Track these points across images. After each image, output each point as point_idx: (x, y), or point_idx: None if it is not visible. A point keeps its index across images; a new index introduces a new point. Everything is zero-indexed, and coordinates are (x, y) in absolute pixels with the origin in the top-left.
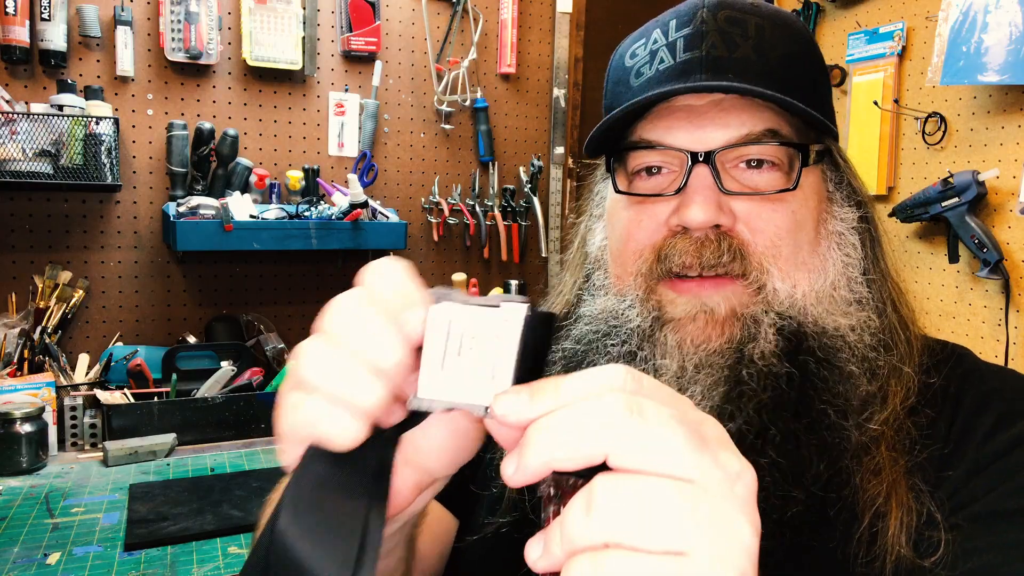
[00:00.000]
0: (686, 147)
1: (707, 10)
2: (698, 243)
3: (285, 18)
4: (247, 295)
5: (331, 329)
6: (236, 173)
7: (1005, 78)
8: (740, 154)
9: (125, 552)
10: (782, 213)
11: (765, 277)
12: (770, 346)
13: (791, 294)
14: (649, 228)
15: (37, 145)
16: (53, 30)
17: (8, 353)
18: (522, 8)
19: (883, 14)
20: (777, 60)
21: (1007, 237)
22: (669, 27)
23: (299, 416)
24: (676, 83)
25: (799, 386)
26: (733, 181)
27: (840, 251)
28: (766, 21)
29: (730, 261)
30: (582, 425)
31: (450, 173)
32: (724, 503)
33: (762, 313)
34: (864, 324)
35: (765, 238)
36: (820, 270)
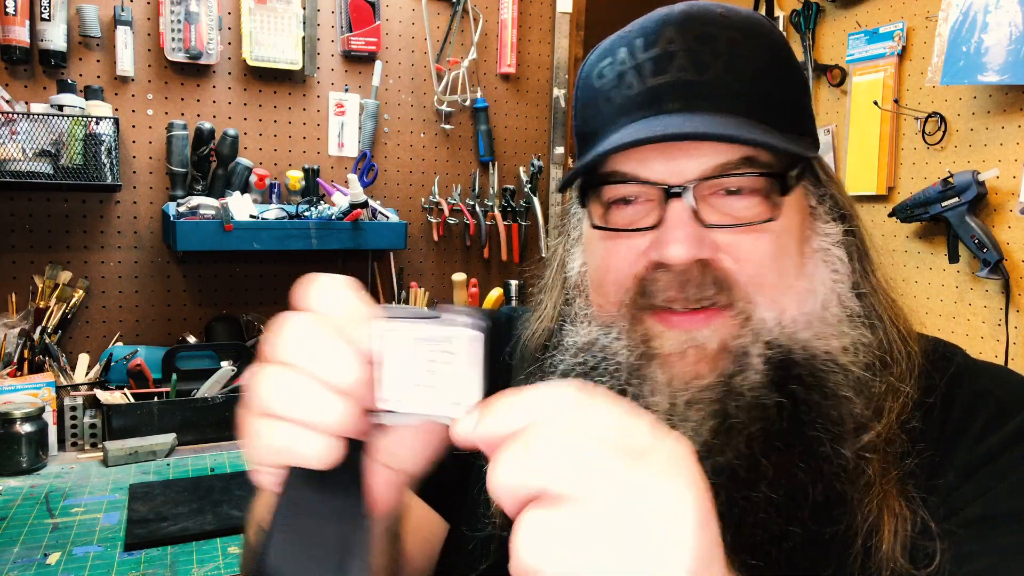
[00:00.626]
0: (661, 180)
1: (674, 27)
2: (680, 278)
3: (285, 18)
4: (247, 295)
5: (286, 354)
6: (236, 173)
7: (1005, 78)
8: (716, 184)
9: (125, 552)
10: (764, 241)
11: (751, 307)
12: (758, 377)
13: (779, 321)
14: (629, 259)
15: (37, 145)
16: (53, 30)
17: (8, 353)
18: (522, 8)
19: (883, 14)
20: (751, 76)
21: (1007, 237)
22: (635, 46)
23: (271, 442)
24: (647, 111)
25: (790, 415)
26: (712, 211)
27: (827, 268)
28: (739, 33)
29: (715, 293)
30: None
31: (450, 173)
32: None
33: (751, 344)
34: (858, 342)
35: (750, 267)
36: (808, 292)
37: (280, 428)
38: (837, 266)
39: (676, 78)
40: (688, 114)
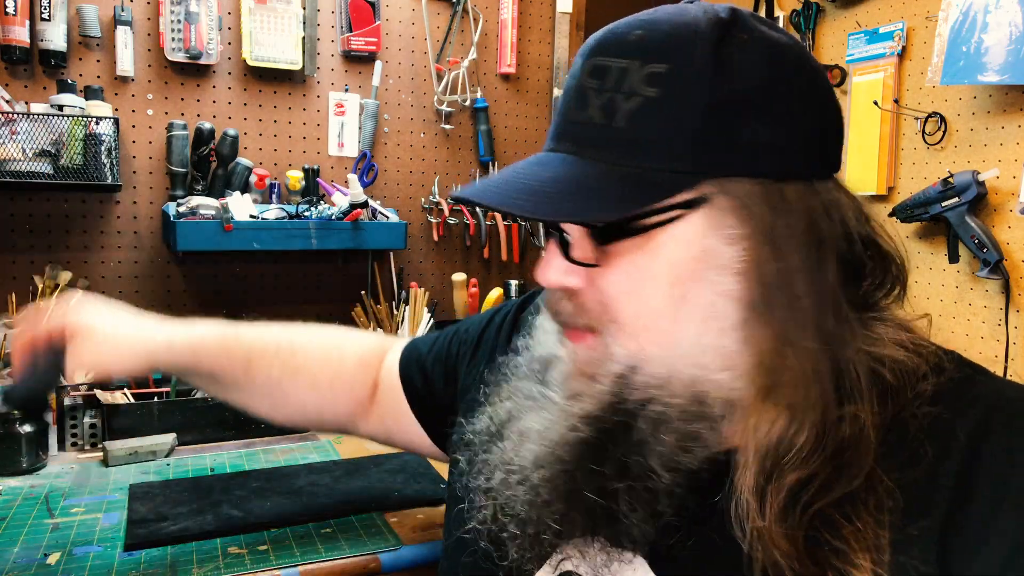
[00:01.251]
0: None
1: (581, 59)
2: (556, 297)
3: (285, 18)
4: (247, 295)
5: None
6: (236, 173)
7: (1005, 78)
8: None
9: (125, 552)
10: (612, 283)
11: (608, 339)
12: (605, 399)
13: (633, 355)
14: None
15: (37, 145)
16: (53, 30)
17: (8, 353)
18: (522, 8)
19: (883, 14)
20: (625, 115)
21: (1007, 237)
22: (569, 74)
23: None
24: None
25: (615, 443)
26: (581, 249)
27: (702, 317)
28: (636, 61)
29: (575, 318)
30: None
31: (450, 173)
32: None
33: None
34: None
35: (602, 303)
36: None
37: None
38: (715, 316)
39: (564, 116)
40: (552, 154)
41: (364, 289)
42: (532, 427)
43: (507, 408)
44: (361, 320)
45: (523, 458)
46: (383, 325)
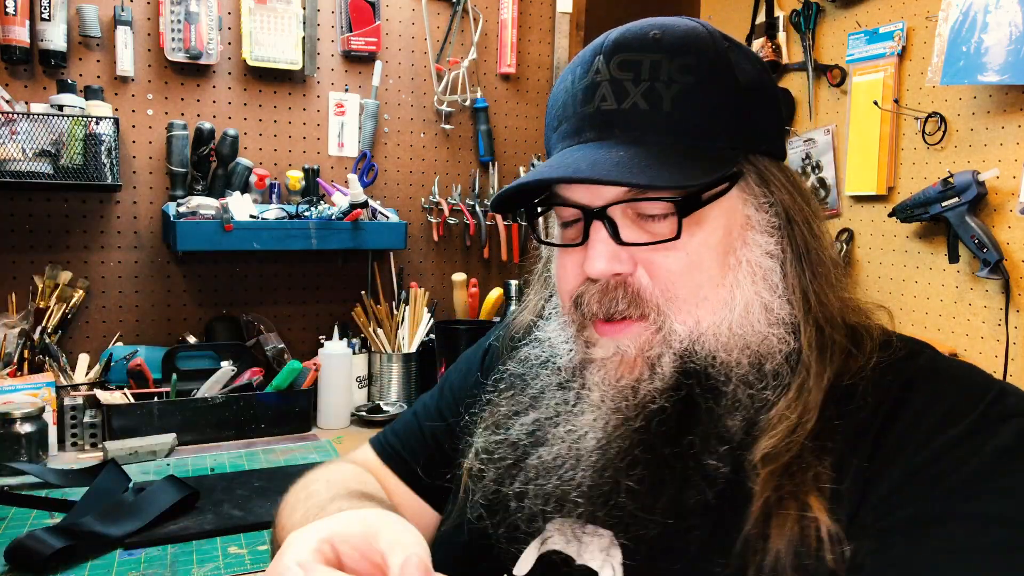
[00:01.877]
0: (585, 203)
1: (602, 57)
2: (601, 291)
3: (285, 18)
4: (247, 295)
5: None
6: (236, 173)
7: (1005, 78)
8: (632, 207)
9: (125, 552)
10: (674, 259)
11: (663, 319)
12: (661, 383)
13: (692, 331)
14: (570, 275)
15: (37, 145)
16: (53, 30)
17: (8, 353)
18: (522, 8)
19: (883, 14)
20: (671, 101)
21: (1007, 237)
22: (576, 75)
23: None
24: (572, 140)
25: (677, 420)
26: (632, 231)
27: (752, 278)
28: (664, 55)
29: (626, 308)
30: None
31: (450, 173)
32: None
33: (664, 353)
34: (773, 351)
35: (661, 283)
36: (726, 302)
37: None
38: (765, 274)
39: (597, 108)
40: (598, 144)
41: (364, 289)
42: (581, 428)
43: (536, 418)
44: (361, 320)
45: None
46: (383, 325)
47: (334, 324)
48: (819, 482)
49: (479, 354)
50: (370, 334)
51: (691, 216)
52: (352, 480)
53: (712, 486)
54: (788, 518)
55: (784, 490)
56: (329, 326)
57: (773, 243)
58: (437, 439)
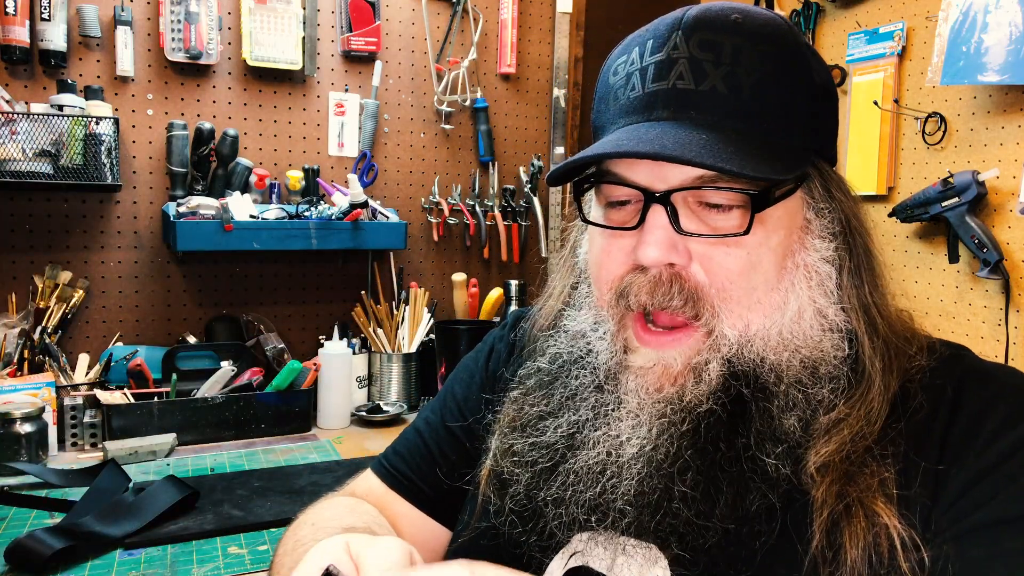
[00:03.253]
0: (645, 184)
1: (682, 33)
2: (652, 282)
3: (285, 18)
4: (247, 295)
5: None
6: (236, 173)
7: (1005, 78)
8: (696, 195)
9: (125, 552)
10: (735, 256)
11: (715, 321)
12: (707, 388)
13: (743, 334)
14: (617, 259)
15: (37, 145)
16: (53, 30)
17: (8, 353)
18: (522, 8)
19: (883, 14)
20: (750, 89)
21: (1007, 237)
22: (646, 48)
23: None
24: (641, 116)
25: (728, 424)
26: (692, 221)
27: (807, 282)
28: (746, 40)
29: (681, 305)
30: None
31: (450, 173)
32: None
33: (711, 359)
34: (826, 356)
35: (716, 280)
36: (779, 306)
37: None
38: (822, 280)
39: (672, 86)
40: (675, 123)
41: (364, 289)
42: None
43: (572, 420)
44: (361, 320)
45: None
46: (383, 325)
47: (334, 324)
48: (886, 488)
49: (481, 360)
50: (370, 334)
51: (750, 215)
52: (344, 516)
53: (774, 489)
54: (859, 526)
55: (850, 497)
56: (329, 326)
57: (831, 249)
58: (445, 453)
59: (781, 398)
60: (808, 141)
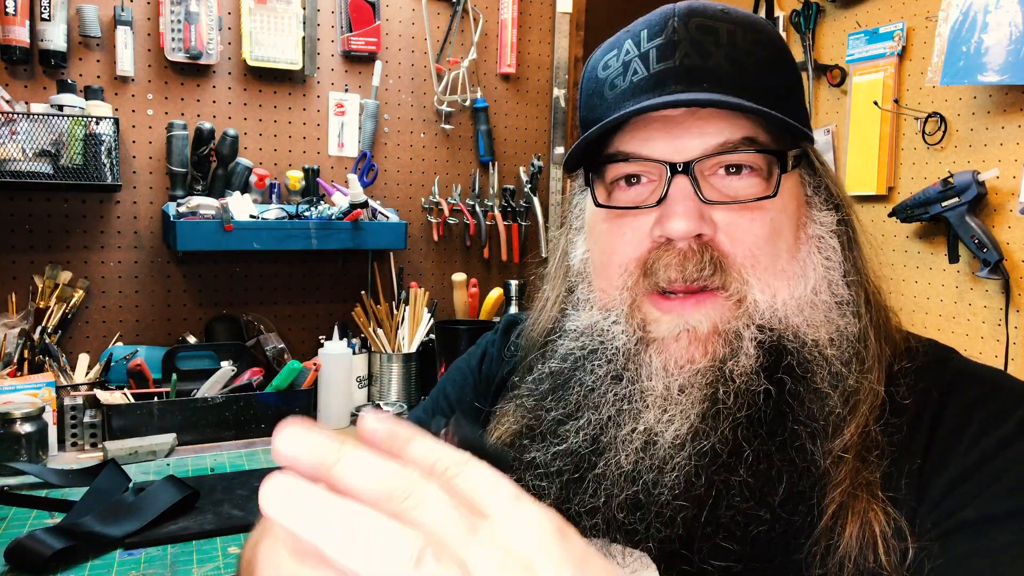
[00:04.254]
0: (665, 158)
1: (678, 19)
2: (681, 255)
3: (285, 18)
4: (247, 295)
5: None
6: (236, 173)
7: (1005, 78)
8: (718, 162)
9: (125, 552)
10: (760, 222)
11: (746, 288)
12: (750, 362)
13: (771, 304)
14: (633, 241)
15: (37, 145)
16: (53, 30)
17: (8, 353)
18: (522, 8)
19: (883, 14)
20: (751, 67)
21: (1007, 237)
22: (641, 37)
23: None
24: (651, 95)
25: (775, 404)
26: (712, 190)
27: (820, 255)
28: (738, 27)
29: (711, 274)
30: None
31: (450, 173)
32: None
33: (743, 327)
34: (843, 332)
35: (744, 248)
36: (800, 276)
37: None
38: (830, 253)
39: (680, 63)
40: (692, 93)
41: (364, 289)
42: (653, 424)
43: (593, 419)
44: (361, 320)
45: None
46: (383, 325)
47: (334, 324)
48: (877, 480)
49: (474, 363)
50: (370, 334)
51: (771, 182)
52: None
53: (813, 469)
54: (858, 512)
55: (860, 479)
56: (329, 326)
57: (834, 224)
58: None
59: (821, 377)
60: (802, 120)
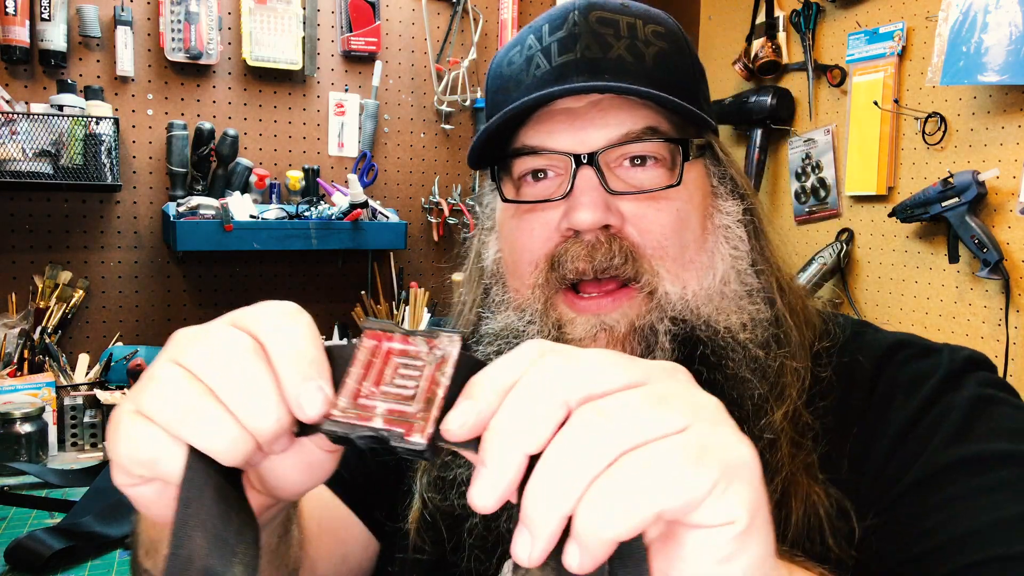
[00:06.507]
0: (569, 149)
1: (578, 12)
2: (589, 247)
3: (285, 18)
4: (247, 295)
5: (256, 324)
6: (236, 173)
7: (1005, 78)
8: (622, 153)
9: (125, 552)
10: (667, 212)
11: (656, 280)
12: (666, 356)
13: (682, 296)
14: (541, 236)
15: (37, 145)
16: (53, 30)
17: (8, 353)
18: (522, 8)
19: (883, 14)
20: (652, 59)
21: (1007, 237)
22: (543, 32)
23: (192, 421)
24: (553, 87)
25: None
26: (618, 181)
27: (728, 244)
28: (638, 20)
29: (622, 264)
30: (535, 415)
31: (450, 173)
32: (717, 430)
33: (657, 321)
34: (756, 319)
35: (652, 238)
36: (708, 266)
37: (209, 409)
38: (737, 243)
39: (581, 55)
40: (595, 82)
41: (364, 289)
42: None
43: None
44: (361, 320)
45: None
46: None
47: (334, 324)
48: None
49: None
50: None
51: (675, 172)
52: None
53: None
54: (800, 498)
55: (796, 463)
56: (329, 326)
57: (740, 213)
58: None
59: (736, 362)
60: (705, 111)
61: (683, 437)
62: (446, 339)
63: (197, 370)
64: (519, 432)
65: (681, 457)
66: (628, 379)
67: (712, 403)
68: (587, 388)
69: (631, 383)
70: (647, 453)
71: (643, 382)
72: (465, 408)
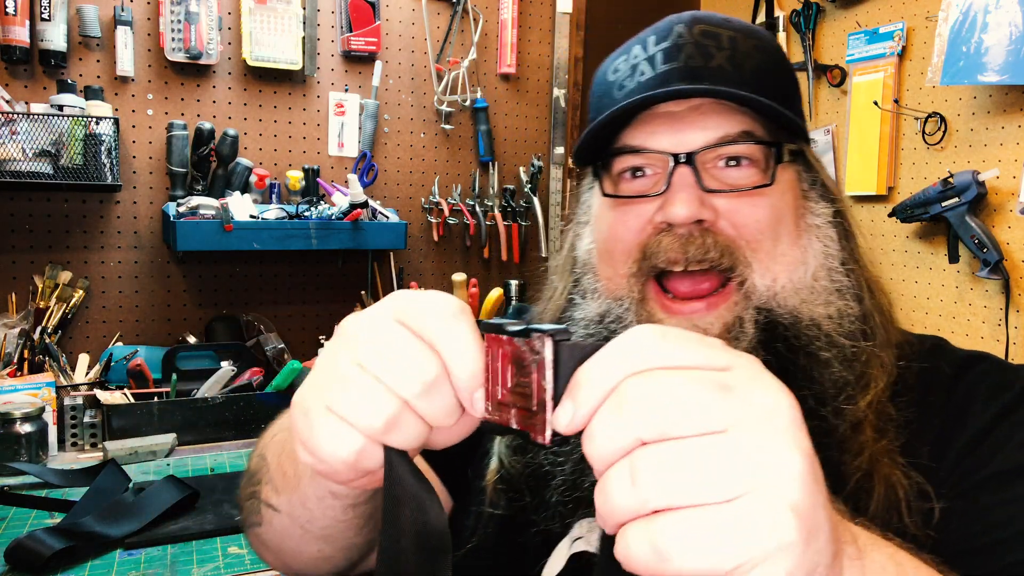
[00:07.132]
0: (668, 149)
1: (683, 25)
2: (683, 239)
3: (285, 18)
4: (247, 295)
5: (419, 323)
6: (236, 173)
7: (1005, 78)
8: (719, 154)
9: (125, 552)
10: (761, 207)
11: (748, 271)
12: (747, 339)
13: (770, 287)
14: (636, 227)
15: (37, 145)
16: (53, 30)
17: (8, 353)
18: (522, 8)
19: (883, 14)
20: (751, 70)
21: (1007, 237)
22: (648, 42)
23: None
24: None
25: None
26: (713, 180)
27: (819, 242)
28: (738, 34)
29: (718, 257)
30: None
31: (450, 173)
32: (763, 439)
33: (744, 311)
34: (843, 312)
35: (747, 232)
36: (800, 261)
37: (396, 406)
38: (827, 242)
39: (685, 64)
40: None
41: (364, 289)
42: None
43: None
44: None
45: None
46: None
47: (334, 324)
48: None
49: None
50: None
51: (767, 173)
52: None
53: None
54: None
55: (879, 447)
56: (329, 326)
57: (831, 215)
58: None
59: (818, 343)
60: (799, 119)
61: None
62: (538, 341)
63: (389, 381)
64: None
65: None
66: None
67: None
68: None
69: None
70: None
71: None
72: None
